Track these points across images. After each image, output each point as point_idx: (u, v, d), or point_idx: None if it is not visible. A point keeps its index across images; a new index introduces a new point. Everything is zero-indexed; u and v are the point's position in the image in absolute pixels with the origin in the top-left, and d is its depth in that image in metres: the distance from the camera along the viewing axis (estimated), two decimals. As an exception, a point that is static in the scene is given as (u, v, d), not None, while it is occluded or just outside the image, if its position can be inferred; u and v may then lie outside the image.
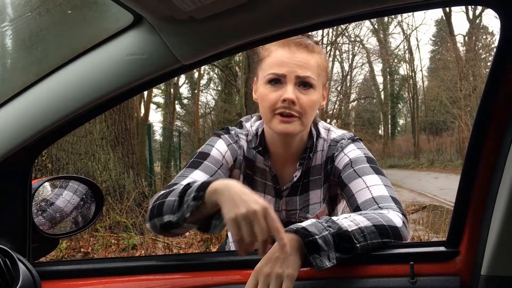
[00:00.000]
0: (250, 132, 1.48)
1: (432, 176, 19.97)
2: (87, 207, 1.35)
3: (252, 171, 1.47)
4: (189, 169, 1.36)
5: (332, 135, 1.44)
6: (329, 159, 1.42)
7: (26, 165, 1.08)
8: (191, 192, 1.06)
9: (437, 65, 32.38)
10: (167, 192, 1.18)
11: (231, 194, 1.00)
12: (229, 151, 1.43)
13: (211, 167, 1.36)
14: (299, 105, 1.30)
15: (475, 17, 29.89)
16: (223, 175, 1.39)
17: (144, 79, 0.96)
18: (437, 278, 1.01)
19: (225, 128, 1.50)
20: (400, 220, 1.13)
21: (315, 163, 1.44)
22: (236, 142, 1.46)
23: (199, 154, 1.40)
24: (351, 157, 1.35)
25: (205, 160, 1.38)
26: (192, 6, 0.81)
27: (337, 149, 1.40)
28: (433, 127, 33.87)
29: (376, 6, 0.81)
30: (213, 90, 27.17)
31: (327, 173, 1.43)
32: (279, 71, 1.31)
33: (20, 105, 1.01)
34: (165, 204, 1.13)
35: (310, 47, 1.33)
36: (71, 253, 5.31)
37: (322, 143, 1.44)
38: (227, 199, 1.00)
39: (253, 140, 1.45)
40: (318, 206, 1.46)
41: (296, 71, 1.30)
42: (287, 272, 0.98)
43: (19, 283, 0.95)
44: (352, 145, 1.40)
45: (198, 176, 1.33)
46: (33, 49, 1.11)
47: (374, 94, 36.87)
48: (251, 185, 1.48)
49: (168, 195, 1.15)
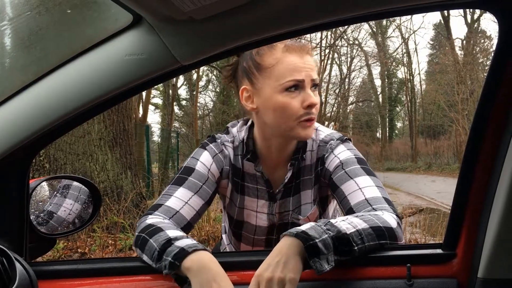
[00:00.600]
0: (236, 138, 1.46)
1: (429, 179, 19.99)
2: (85, 207, 1.35)
3: (241, 178, 1.46)
4: (173, 186, 1.36)
5: (321, 135, 1.44)
6: (319, 160, 1.42)
7: (23, 164, 1.07)
8: (168, 254, 1.06)
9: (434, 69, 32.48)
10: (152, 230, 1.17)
11: (202, 279, 1.00)
12: (215, 163, 1.42)
13: (196, 183, 1.36)
14: (315, 107, 1.33)
15: (473, 21, 30.01)
16: (209, 190, 1.39)
17: (143, 79, 0.95)
18: (433, 280, 1.01)
19: (211, 136, 1.49)
20: (394, 221, 1.13)
21: (306, 163, 1.43)
22: (221, 151, 1.44)
23: (184, 170, 1.39)
24: (342, 159, 1.35)
25: (189, 176, 1.37)
26: (192, 6, 0.81)
27: (327, 150, 1.40)
28: (431, 131, 33.92)
29: (375, 9, 0.82)
30: (211, 92, 27.19)
31: (317, 174, 1.43)
32: (299, 76, 1.31)
33: (19, 104, 1.01)
34: (147, 245, 1.13)
35: (310, 50, 1.36)
36: (68, 253, 5.30)
37: (311, 143, 1.44)
38: (196, 283, 1.01)
39: (240, 147, 1.44)
40: (309, 206, 1.45)
41: (311, 75, 1.33)
42: (289, 276, 0.97)
43: (16, 282, 0.95)
44: (342, 146, 1.40)
45: (182, 195, 1.33)
46: (32, 48, 1.11)
47: (372, 97, 36.94)
48: (241, 192, 1.47)
49: (152, 234, 1.15)
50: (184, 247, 1.06)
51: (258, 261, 1.03)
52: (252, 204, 1.48)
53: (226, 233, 1.66)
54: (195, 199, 1.34)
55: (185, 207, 1.32)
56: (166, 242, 1.09)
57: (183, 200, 1.32)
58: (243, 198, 1.48)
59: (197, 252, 1.05)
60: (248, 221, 1.50)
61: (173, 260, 1.04)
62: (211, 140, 1.47)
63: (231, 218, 1.53)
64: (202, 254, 1.05)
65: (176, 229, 1.20)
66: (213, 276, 1.01)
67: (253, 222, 1.50)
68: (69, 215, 1.34)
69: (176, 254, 1.05)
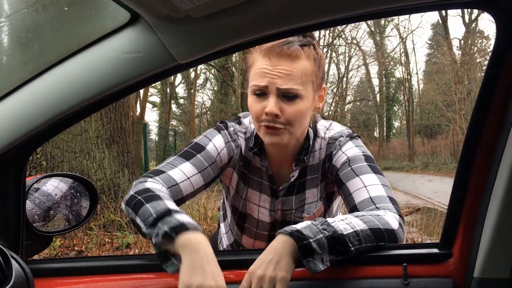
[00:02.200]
0: (248, 129, 1.45)
1: (426, 178, 20.05)
2: (81, 205, 1.35)
3: (249, 170, 1.46)
4: (180, 158, 1.33)
5: (331, 133, 1.41)
6: (327, 157, 1.40)
7: (20, 162, 1.07)
8: (165, 223, 1.03)
9: (432, 69, 32.53)
10: (150, 195, 1.14)
11: (194, 259, 0.98)
12: (226, 149, 1.40)
13: (202, 162, 1.34)
14: (284, 117, 1.26)
15: (471, 21, 30.07)
16: (213, 173, 1.37)
17: (140, 78, 0.95)
18: (430, 280, 1.01)
19: (224, 123, 1.46)
20: (396, 222, 1.12)
21: (313, 162, 1.42)
22: (234, 140, 1.43)
23: (194, 145, 1.37)
24: (349, 156, 1.34)
25: (199, 153, 1.35)
26: (190, 5, 0.81)
27: (335, 147, 1.38)
28: (428, 130, 34.03)
29: (373, 8, 0.82)
30: (209, 90, 27.20)
31: (324, 171, 1.42)
32: (261, 82, 1.27)
33: (16, 102, 1.00)
34: (142, 209, 1.10)
35: (293, 55, 1.25)
36: (64, 251, 5.29)
37: (320, 141, 1.42)
38: (188, 262, 0.99)
39: (251, 139, 1.43)
40: (314, 205, 1.45)
41: (277, 83, 1.25)
42: (280, 275, 0.98)
43: (12, 280, 0.95)
44: (350, 143, 1.38)
45: (186, 169, 1.31)
46: (29, 46, 1.11)
47: (370, 97, 37.01)
48: (247, 184, 1.47)
49: (150, 200, 1.12)
50: (185, 223, 1.03)
51: (255, 260, 1.03)
52: (255, 197, 1.48)
53: (224, 221, 1.65)
54: (197, 177, 1.32)
55: (185, 182, 1.29)
56: (165, 211, 1.06)
57: (186, 175, 1.30)
58: (247, 190, 1.48)
59: (195, 232, 1.03)
60: (250, 213, 1.50)
61: (170, 231, 1.01)
62: (225, 126, 1.44)
63: (235, 209, 1.52)
64: (199, 236, 1.03)
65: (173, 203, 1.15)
66: (206, 259, 0.99)
67: (255, 216, 1.50)
68: (66, 213, 1.34)
69: (174, 226, 1.02)
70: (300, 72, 1.26)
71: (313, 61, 1.30)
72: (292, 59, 1.25)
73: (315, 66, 1.30)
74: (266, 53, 1.27)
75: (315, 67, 1.30)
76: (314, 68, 1.30)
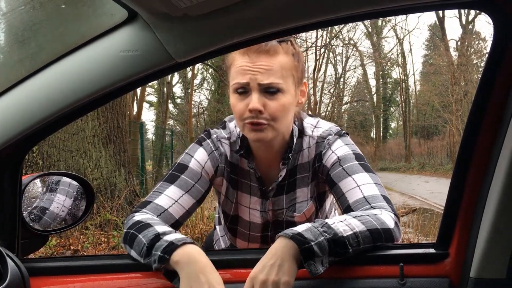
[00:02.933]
0: (233, 133, 1.44)
1: (422, 179, 20.10)
2: (78, 204, 1.34)
3: (236, 174, 1.45)
4: (165, 183, 1.34)
5: (319, 132, 1.41)
6: (316, 156, 1.40)
7: (16, 160, 1.07)
8: (157, 249, 1.05)
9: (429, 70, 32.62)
10: (139, 226, 1.16)
11: (189, 272, 1.01)
12: (210, 161, 1.40)
13: (187, 182, 1.34)
14: (267, 112, 1.27)
15: (468, 23, 30.15)
16: (202, 189, 1.37)
17: (137, 76, 0.95)
18: (426, 280, 1.02)
19: (207, 131, 1.46)
20: (392, 220, 1.13)
21: (302, 161, 1.42)
22: (217, 149, 1.42)
23: (178, 166, 1.38)
24: (339, 155, 1.33)
25: (182, 173, 1.35)
26: (187, 3, 0.80)
27: (324, 146, 1.38)
28: (425, 131, 34.10)
29: (371, 8, 0.82)
30: (206, 90, 27.15)
31: (315, 171, 1.41)
32: (242, 79, 1.28)
33: (12, 99, 1.00)
34: (136, 241, 1.12)
35: (271, 51, 1.27)
36: (60, 250, 5.27)
37: (308, 140, 1.41)
38: (184, 276, 1.01)
39: (237, 142, 1.43)
40: (305, 204, 1.45)
41: (258, 79, 1.26)
42: (284, 279, 0.97)
43: (7, 279, 0.94)
44: (339, 141, 1.37)
45: (172, 193, 1.32)
46: (26, 43, 1.10)
47: (367, 97, 37.07)
48: (236, 188, 1.47)
49: (141, 230, 1.14)
50: (173, 240, 1.06)
51: (252, 259, 1.03)
52: (245, 200, 1.48)
53: (220, 224, 1.66)
54: (185, 198, 1.33)
55: (174, 205, 1.31)
56: (155, 237, 1.09)
57: (173, 198, 1.31)
58: (237, 193, 1.48)
59: (186, 245, 1.05)
60: (241, 216, 1.50)
61: (162, 254, 1.04)
62: (207, 135, 1.44)
63: (226, 215, 1.53)
64: (191, 248, 1.05)
65: (165, 225, 1.19)
66: (201, 268, 1.01)
67: (246, 218, 1.50)
68: (62, 212, 1.33)
69: (165, 248, 1.04)
70: (280, 66, 1.28)
71: (292, 56, 1.32)
72: (270, 54, 1.27)
73: (294, 61, 1.32)
74: (245, 51, 1.28)
75: (294, 61, 1.32)
76: (293, 63, 1.32)
